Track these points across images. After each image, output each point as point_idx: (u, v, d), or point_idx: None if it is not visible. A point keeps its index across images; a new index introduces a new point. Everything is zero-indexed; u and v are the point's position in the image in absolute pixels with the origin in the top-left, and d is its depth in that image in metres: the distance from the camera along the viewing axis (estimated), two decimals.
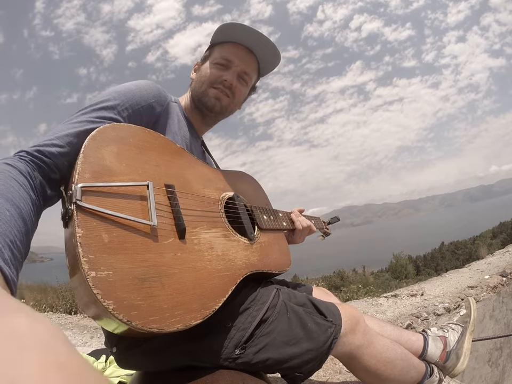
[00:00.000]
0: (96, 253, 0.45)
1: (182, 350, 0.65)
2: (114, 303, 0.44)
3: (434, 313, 2.21)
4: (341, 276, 11.50)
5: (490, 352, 1.91)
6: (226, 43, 0.89)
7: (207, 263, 0.62)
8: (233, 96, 0.90)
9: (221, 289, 0.62)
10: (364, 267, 16.56)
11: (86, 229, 0.46)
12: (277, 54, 0.92)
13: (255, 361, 0.68)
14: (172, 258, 0.55)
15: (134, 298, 0.46)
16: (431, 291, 2.78)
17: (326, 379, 1.48)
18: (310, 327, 0.74)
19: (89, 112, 0.65)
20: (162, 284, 0.51)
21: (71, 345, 0.17)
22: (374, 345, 0.81)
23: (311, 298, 0.82)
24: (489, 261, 3.49)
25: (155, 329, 0.47)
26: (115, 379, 1.25)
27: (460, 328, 1.06)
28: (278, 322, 0.72)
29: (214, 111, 0.90)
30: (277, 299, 0.76)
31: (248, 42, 0.88)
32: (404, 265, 14.89)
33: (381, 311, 2.51)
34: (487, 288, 2.46)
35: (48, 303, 3.74)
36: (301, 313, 0.75)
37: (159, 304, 0.49)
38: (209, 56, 0.92)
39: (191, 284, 0.56)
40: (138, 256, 0.50)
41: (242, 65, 0.89)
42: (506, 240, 16.21)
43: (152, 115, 0.77)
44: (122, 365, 0.73)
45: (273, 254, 0.87)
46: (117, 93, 0.71)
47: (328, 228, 1.41)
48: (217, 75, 0.87)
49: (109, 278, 0.45)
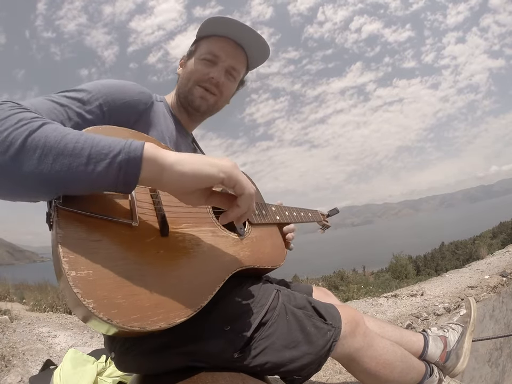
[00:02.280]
0: (76, 253, 0.46)
1: (179, 352, 0.65)
2: (94, 301, 0.44)
3: (434, 313, 2.21)
4: (341, 276, 11.49)
5: (490, 352, 1.91)
6: (212, 37, 0.85)
7: (192, 260, 0.61)
8: (221, 93, 0.88)
9: (207, 286, 0.60)
10: (363, 267, 16.56)
11: (67, 229, 0.47)
12: (265, 47, 0.88)
13: (253, 364, 0.67)
14: (154, 257, 0.55)
15: (114, 297, 0.46)
16: (431, 291, 2.78)
17: (326, 379, 1.48)
18: (309, 330, 0.73)
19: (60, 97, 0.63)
20: (144, 282, 0.51)
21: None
22: (374, 348, 0.81)
23: (311, 300, 0.81)
24: (489, 261, 3.49)
25: (136, 328, 0.47)
26: (115, 379, 1.26)
27: (460, 328, 1.07)
28: (277, 326, 0.71)
29: (200, 110, 0.88)
30: (277, 301, 0.75)
31: (236, 35, 0.84)
32: (404, 265, 14.88)
33: (381, 311, 2.51)
34: (487, 288, 2.46)
35: (48, 303, 3.73)
36: (300, 316, 0.74)
37: (141, 302, 0.49)
38: (195, 51, 0.88)
39: (175, 281, 0.55)
40: (119, 255, 0.51)
41: (230, 60, 0.85)
42: (506, 240, 16.20)
43: (133, 112, 0.74)
44: (122, 369, 0.72)
45: (265, 249, 0.85)
46: (100, 85, 0.69)
47: (328, 221, 1.40)
48: (204, 72, 0.84)
49: (89, 277, 0.45)
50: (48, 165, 0.44)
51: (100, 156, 0.46)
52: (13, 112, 0.47)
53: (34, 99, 0.59)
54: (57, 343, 2.31)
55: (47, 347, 2.21)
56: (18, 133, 0.44)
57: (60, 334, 2.48)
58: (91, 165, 0.45)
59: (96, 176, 0.46)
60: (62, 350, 2.18)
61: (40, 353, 2.07)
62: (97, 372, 1.27)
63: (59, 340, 2.37)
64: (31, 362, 1.94)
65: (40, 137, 0.45)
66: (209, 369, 0.66)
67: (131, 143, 0.48)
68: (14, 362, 1.89)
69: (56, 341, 2.36)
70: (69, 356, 1.34)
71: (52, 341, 2.35)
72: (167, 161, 0.50)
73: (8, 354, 1.97)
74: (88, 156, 0.45)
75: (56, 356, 2.07)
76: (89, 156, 0.45)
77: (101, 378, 1.25)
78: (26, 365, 1.89)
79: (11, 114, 0.46)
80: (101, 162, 0.46)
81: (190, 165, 0.51)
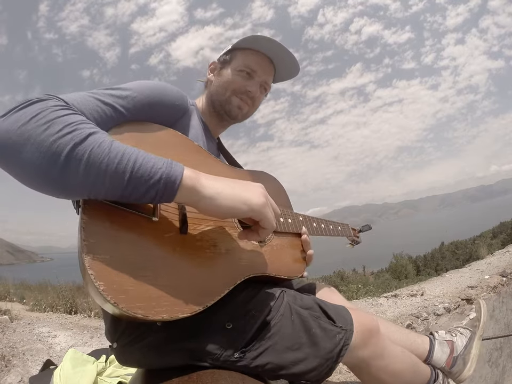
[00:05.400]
0: (96, 238, 0.49)
1: (180, 348, 0.65)
2: (104, 284, 0.47)
3: (434, 313, 2.21)
4: (341, 276, 11.50)
5: (490, 352, 1.91)
6: (248, 50, 0.89)
7: (206, 260, 0.63)
8: (253, 104, 0.94)
9: (216, 287, 0.62)
10: (363, 267, 16.55)
11: (90, 216, 0.50)
12: (295, 66, 0.94)
13: (254, 365, 0.66)
14: (169, 252, 0.57)
15: (124, 284, 0.49)
16: (431, 291, 2.78)
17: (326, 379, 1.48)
18: (314, 332, 0.70)
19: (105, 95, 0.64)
20: (156, 275, 0.53)
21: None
22: (383, 357, 0.77)
23: (319, 301, 0.78)
24: (489, 261, 3.50)
25: (139, 315, 0.49)
26: (115, 379, 1.26)
27: (469, 333, 1.03)
28: (280, 326, 0.69)
29: (237, 119, 0.94)
30: (281, 300, 0.73)
31: (270, 51, 0.89)
32: (404, 265, 14.88)
33: (381, 311, 2.51)
34: (487, 288, 2.46)
35: (49, 303, 3.73)
36: (305, 317, 0.72)
37: (148, 293, 0.51)
38: (230, 61, 0.91)
39: (185, 278, 0.57)
40: (136, 246, 0.53)
41: (264, 76, 0.91)
42: (506, 240, 16.19)
43: (173, 115, 0.77)
44: (122, 362, 0.72)
45: (284, 258, 0.84)
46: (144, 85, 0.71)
47: (359, 236, 1.39)
48: (242, 84, 0.89)
49: (105, 261, 0.48)
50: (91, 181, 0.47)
51: (139, 181, 0.49)
52: (58, 114, 0.48)
53: (77, 94, 0.60)
54: (57, 343, 2.31)
55: (47, 347, 2.22)
56: (63, 143, 0.46)
57: (59, 334, 2.48)
58: (129, 189, 0.49)
59: (133, 197, 0.51)
60: (62, 350, 2.18)
61: (40, 353, 2.07)
62: (97, 372, 1.27)
63: (59, 340, 2.37)
64: (31, 362, 1.94)
65: (85, 151, 0.46)
66: (210, 368, 0.65)
67: (171, 169, 0.51)
68: (14, 362, 1.90)
69: (56, 341, 2.36)
70: (69, 356, 1.35)
71: (52, 341, 2.35)
72: (205, 193, 0.54)
73: (8, 354, 1.97)
74: (128, 180, 0.48)
75: (56, 355, 2.07)
76: (129, 181, 0.49)
77: (101, 378, 1.25)
78: (26, 365, 1.89)
79: (56, 117, 0.47)
80: (139, 188, 0.49)
81: (224, 201, 0.56)
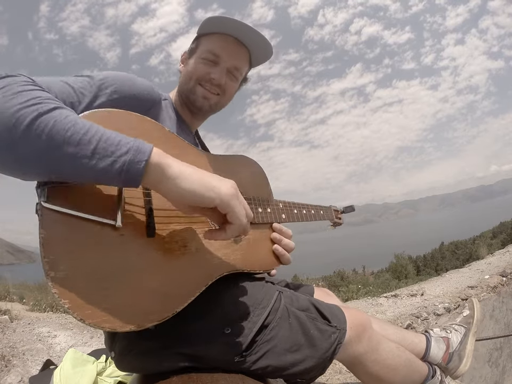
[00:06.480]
0: (56, 253, 0.47)
1: (178, 353, 0.64)
2: (69, 302, 0.46)
3: (434, 313, 2.21)
4: (341, 276, 11.49)
5: (490, 352, 1.91)
6: (213, 34, 0.83)
7: (175, 263, 0.60)
8: (224, 92, 0.87)
9: (187, 290, 0.59)
10: (363, 267, 16.56)
11: (49, 229, 0.47)
12: (267, 45, 0.86)
13: (254, 368, 0.66)
14: (135, 258, 0.55)
15: (88, 298, 0.48)
16: (431, 291, 2.78)
17: (326, 379, 1.49)
18: (312, 333, 0.71)
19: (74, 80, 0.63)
20: (121, 284, 0.52)
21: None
22: (378, 352, 0.79)
23: (314, 302, 0.79)
24: (489, 261, 3.50)
25: (107, 328, 0.49)
26: (115, 379, 1.25)
27: (463, 329, 1.06)
28: (279, 328, 0.69)
29: (202, 110, 0.87)
30: (279, 303, 0.73)
31: (237, 32, 0.81)
32: (404, 265, 14.87)
33: (381, 311, 2.51)
34: (487, 288, 2.46)
35: (48, 303, 3.73)
36: (303, 319, 0.73)
37: (114, 304, 0.50)
38: (196, 49, 0.86)
39: (154, 284, 0.55)
40: (100, 259, 0.51)
41: (231, 60, 0.84)
42: (506, 240, 16.19)
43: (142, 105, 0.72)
44: (121, 368, 0.72)
45: (260, 251, 0.81)
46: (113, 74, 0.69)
47: (341, 218, 1.36)
48: (205, 71, 0.83)
49: (67, 278, 0.47)
50: (52, 151, 0.44)
51: (105, 152, 0.46)
52: (25, 88, 0.47)
53: (48, 77, 0.59)
54: (57, 343, 2.31)
55: (47, 347, 2.21)
56: (27, 112, 0.44)
57: (59, 334, 2.47)
58: (94, 159, 0.45)
59: (98, 171, 0.46)
60: (62, 350, 2.18)
61: (40, 353, 2.07)
62: (97, 372, 1.26)
63: (59, 340, 2.37)
64: (31, 362, 1.94)
65: (49, 121, 0.44)
66: (209, 370, 0.66)
67: (139, 144, 0.48)
68: (14, 362, 1.89)
69: (56, 341, 2.36)
70: (69, 356, 1.34)
71: (52, 341, 2.35)
72: (170, 172, 0.50)
73: (8, 354, 1.97)
74: (94, 150, 0.45)
75: (56, 356, 2.07)
76: (95, 150, 0.45)
77: (101, 378, 1.25)
78: (26, 365, 1.89)
79: (23, 90, 0.46)
80: (105, 159, 0.45)
81: (190, 184, 0.51)
